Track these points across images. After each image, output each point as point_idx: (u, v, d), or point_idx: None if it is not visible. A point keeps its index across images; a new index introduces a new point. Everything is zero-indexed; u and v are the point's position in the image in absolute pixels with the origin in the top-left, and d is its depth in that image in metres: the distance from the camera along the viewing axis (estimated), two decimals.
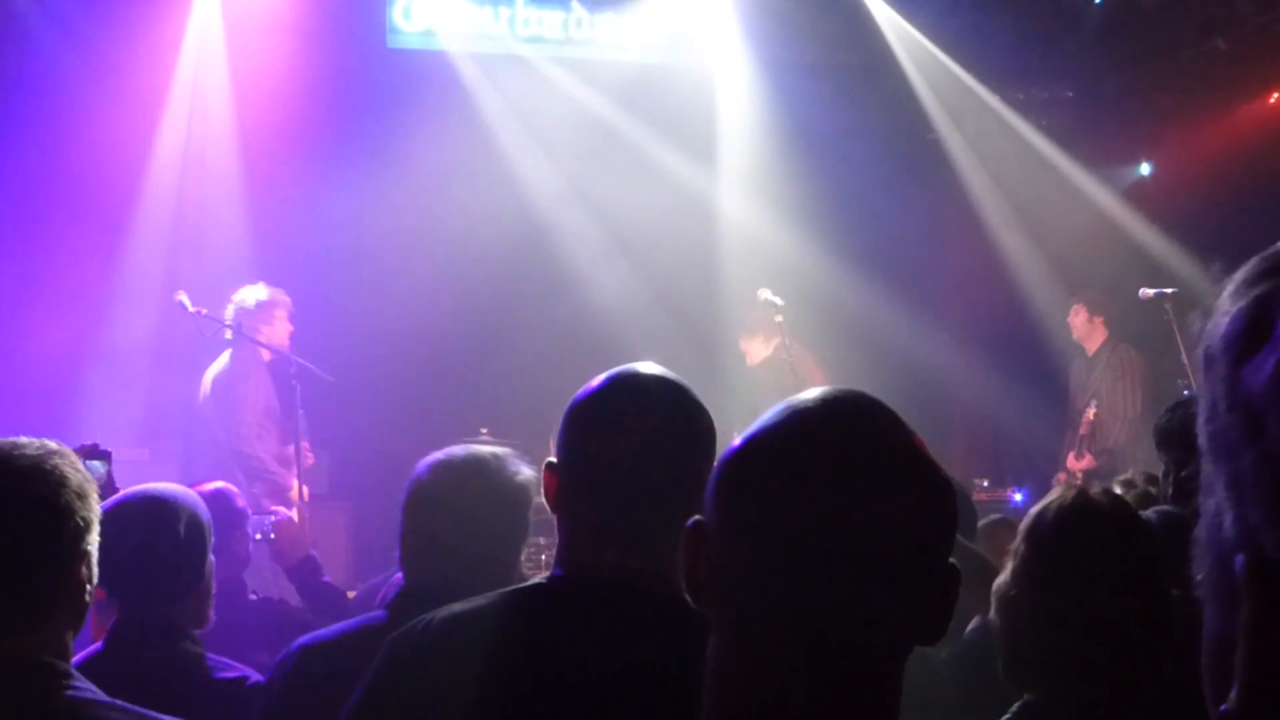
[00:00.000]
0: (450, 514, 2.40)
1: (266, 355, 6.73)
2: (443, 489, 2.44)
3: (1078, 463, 7.60)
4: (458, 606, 1.80)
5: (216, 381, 6.77)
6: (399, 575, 2.63)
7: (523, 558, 2.54)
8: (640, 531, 1.76)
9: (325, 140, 8.01)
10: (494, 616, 1.76)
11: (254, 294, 6.69)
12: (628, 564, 1.75)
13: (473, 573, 2.32)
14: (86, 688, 1.87)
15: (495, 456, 2.49)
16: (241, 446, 6.68)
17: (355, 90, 8.23)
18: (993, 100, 8.97)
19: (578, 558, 1.78)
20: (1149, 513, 2.11)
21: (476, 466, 2.46)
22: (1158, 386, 7.69)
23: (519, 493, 2.46)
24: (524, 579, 2.06)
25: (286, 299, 6.84)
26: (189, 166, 7.94)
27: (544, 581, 1.81)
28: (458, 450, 2.52)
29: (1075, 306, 7.94)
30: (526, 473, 2.49)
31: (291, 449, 6.86)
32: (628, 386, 1.81)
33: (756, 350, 7.91)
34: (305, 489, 6.67)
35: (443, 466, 2.48)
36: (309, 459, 6.98)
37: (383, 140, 8.17)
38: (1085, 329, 7.86)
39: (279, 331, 6.74)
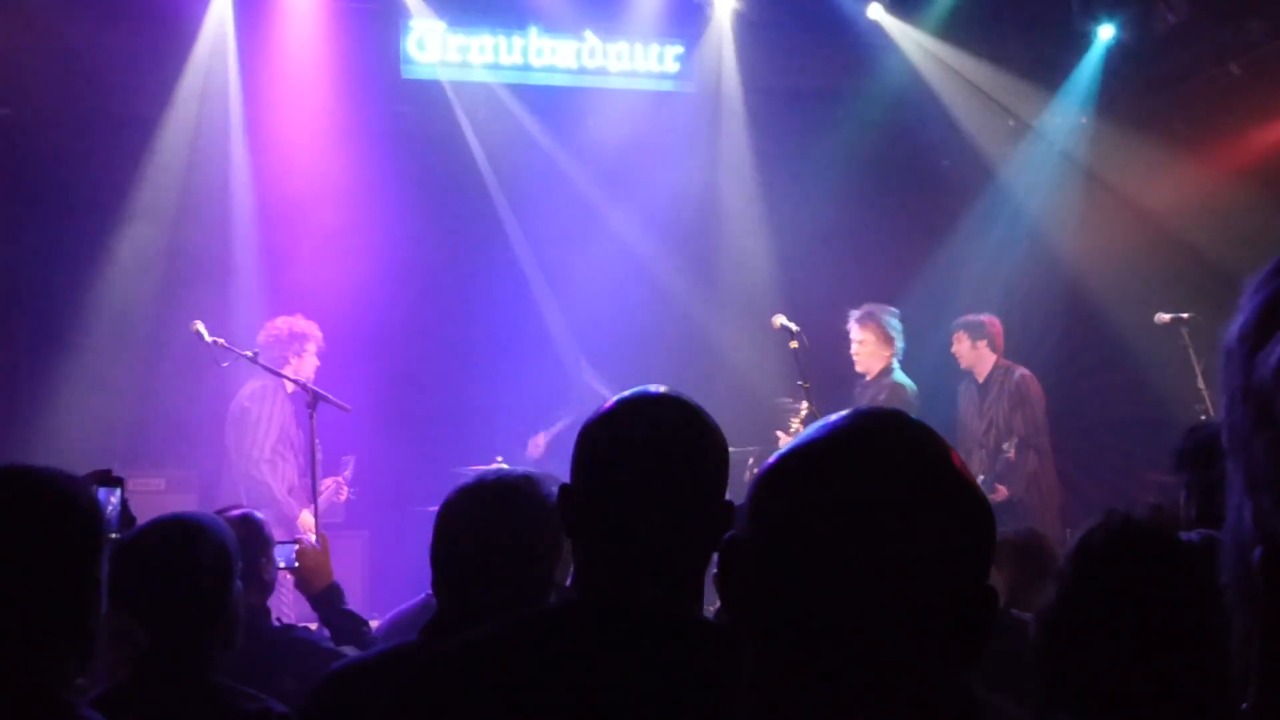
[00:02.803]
0: (477, 537, 2.38)
1: (290, 386, 6.77)
2: (470, 512, 2.42)
3: (991, 496, 7.50)
4: (473, 634, 1.78)
5: (236, 407, 6.86)
6: (432, 600, 2.61)
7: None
8: (651, 555, 1.74)
9: (341, 171, 8.04)
10: (505, 646, 1.74)
11: (289, 323, 6.81)
12: (639, 589, 1.73)
13: (504, 595, 2.31)
14: (93, 716, 1.86)
15: (526, 478, 2.46)
16: (250, 470, 6.70)
17: (370, 121, 8.27)
18: (1004, 124, 9.01)
19: (589, 583, 1.77)
20: (1192, 534, 2.08)
21: (505, 489, 2.43)
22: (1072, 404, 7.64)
23: (551, 512, 2.38)
24: None
25: (319, 334, 6.91)
26: (202, 195, 7.96)
27: (556, 607, 1.79)
28: (488, 473, 2.50)
29: (956, 334, 7.71)
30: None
31: (308, 481, 6.85)
32: (638, 408, 1.80)
33: None
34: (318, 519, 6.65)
35: (471, 489, 2.46)
36: (343, 494, 7.03)
37: (398, 169, 8.21)
38: (970, 356, 7.65)
39: (306, 365, 6.80)
